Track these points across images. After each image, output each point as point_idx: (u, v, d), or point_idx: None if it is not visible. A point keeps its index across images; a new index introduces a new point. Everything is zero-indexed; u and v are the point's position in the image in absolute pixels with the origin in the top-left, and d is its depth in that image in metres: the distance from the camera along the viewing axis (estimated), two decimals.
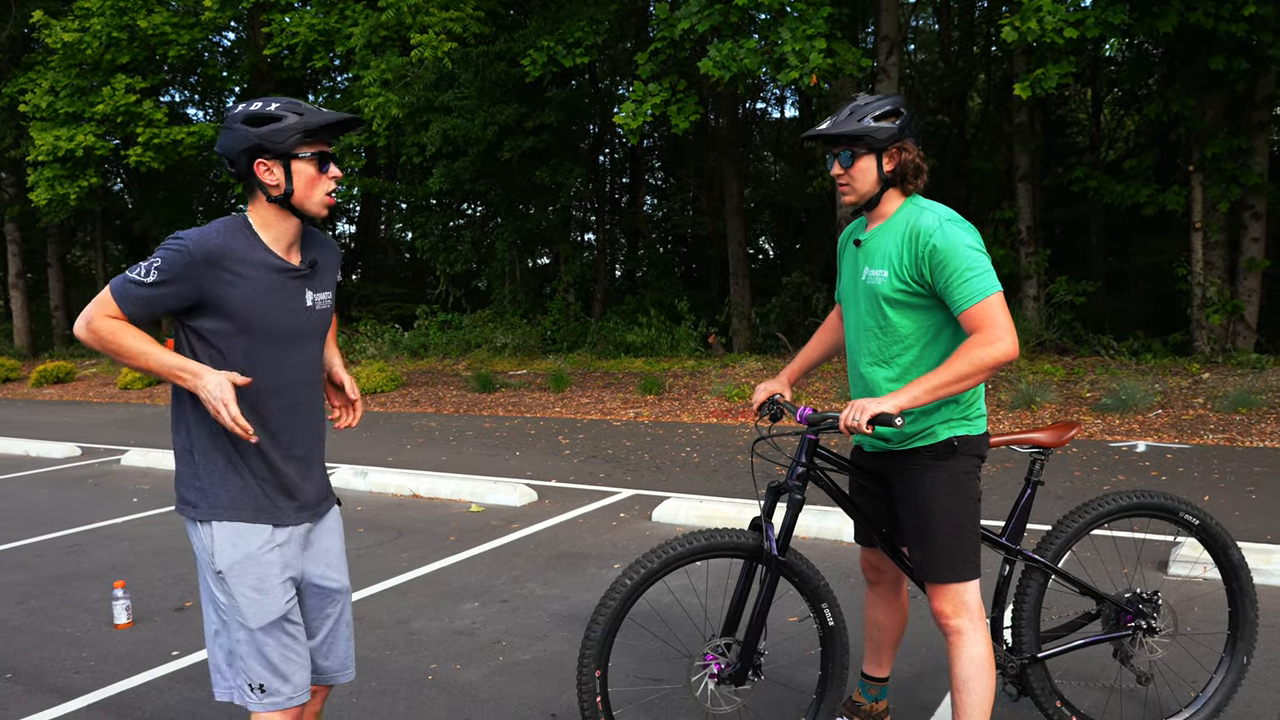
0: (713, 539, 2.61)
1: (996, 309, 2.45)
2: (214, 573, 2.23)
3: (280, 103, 2.21)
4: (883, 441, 2.72)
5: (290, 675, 2.26)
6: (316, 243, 2.39)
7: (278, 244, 2.26)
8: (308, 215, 2.26)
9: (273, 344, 2.25)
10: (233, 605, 2.22)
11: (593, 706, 2.54)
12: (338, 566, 2.45)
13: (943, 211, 2.58)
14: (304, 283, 2.31)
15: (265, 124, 2.17)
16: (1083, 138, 20.80)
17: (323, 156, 2.23)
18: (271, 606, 2.23)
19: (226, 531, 2.23)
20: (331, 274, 2.43)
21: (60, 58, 17.74)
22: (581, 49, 13.63)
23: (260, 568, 2.23)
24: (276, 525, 2.28)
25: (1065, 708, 2.88)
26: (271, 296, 2.23)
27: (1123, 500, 2.89)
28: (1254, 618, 3.02)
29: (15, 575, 5.55)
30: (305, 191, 2.22)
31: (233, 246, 2.18)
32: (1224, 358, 11.74)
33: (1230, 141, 12.09)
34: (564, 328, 17.78)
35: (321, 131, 2.21)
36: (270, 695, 2.24)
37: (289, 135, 2.17)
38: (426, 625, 4.38)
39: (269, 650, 2.23)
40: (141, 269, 2.16)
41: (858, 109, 2.61)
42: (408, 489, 7.36)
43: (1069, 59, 10.96)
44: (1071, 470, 7.07)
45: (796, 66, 10.72)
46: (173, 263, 2.13)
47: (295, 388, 2.31)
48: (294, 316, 2.28)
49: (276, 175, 2.20)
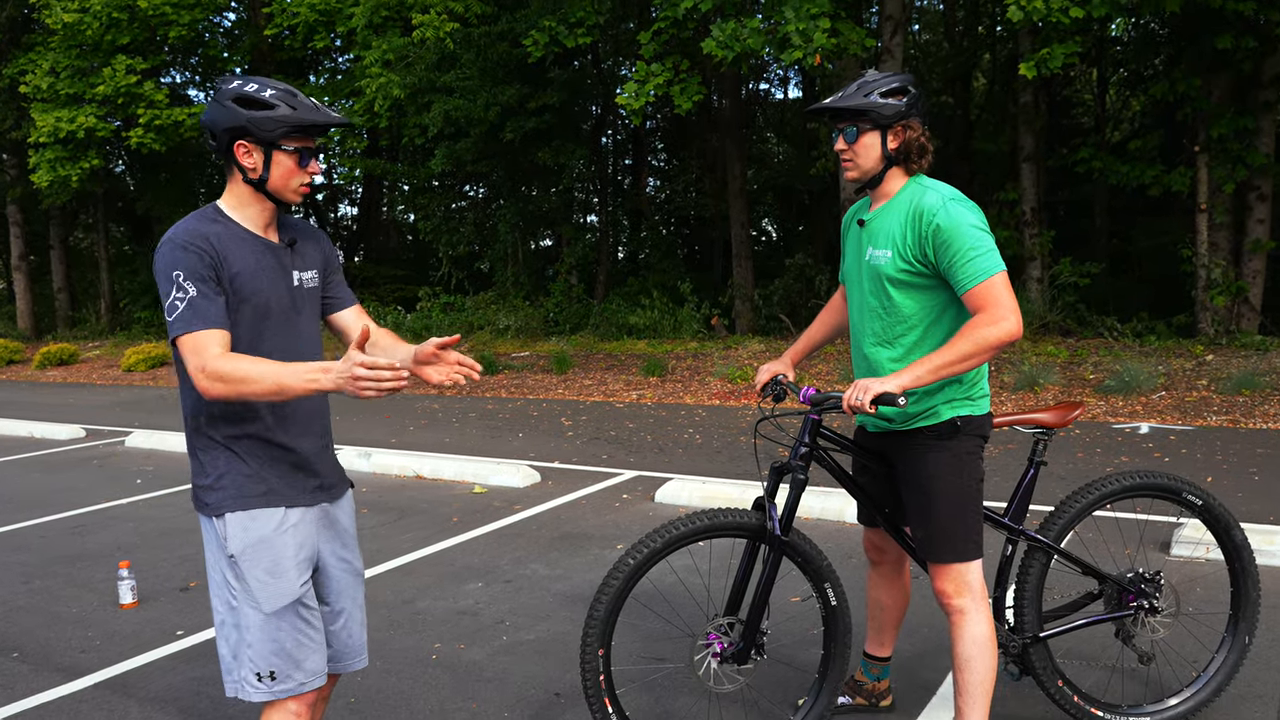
0: (716, 519, 2.62)
1: (1001, 288, 2.44)
2: (226, 558, 2.19)
3: (276, 90, 2.16)
4: (885, 422, 2.72)
5: (303, 660, 2.21)
6: (293, 226, 2.37)
7: (253, 224, 2.23)
8: (281, 201, 2.24)
9: (273, 321, 2.24)
10: (245, 590, 2.18)
11: (595, 685, 2.55)
12: (354, 549, 2.43)
13: (946, 191, 2.56)
14: (287, 259, 2.29)
15: (256, 109, 2.13)
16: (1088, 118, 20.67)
17: (306, 151, 2.20)
18: (285, 589, 2.19)
19: (239, 518, 2.19)
20: (316, 253, 2.39)
21: (60, 38, 17.67)
22: (584, 29, 13.55)
23: (274, 550, 2.20)
24: (290, 506, 2.24)
25: (1067, 687, 2.89)
26: (263, 273, 2.21)
27: (1126, 481, 2.89)
28: (1256, 598, 3.03)
29: (21, 556, 5.57)
30: (281, 181, 2.19)
31: (216, 230, 2.17)
32: (1228, 339, 11.71)
33: (1236, 122, 12.01)
34: (566, 310, 17.77)
35: (311, 130, 2.18)
36: (280, 681, 2.19)
37: (277, 126, 2.13)
38: (430, 605, 4.40)
39: (282, 635, 2.19)
40: (177, 292, 2.10)
41: (865, 84, 2.59)
42: (411, 470, 7.38)
43: (1074, 39, 10.87)
44: (1074, 451, 7.07)
45: (800, 46, 10.65)
46: (188, 262, 2.11)
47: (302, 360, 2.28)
48: (286, 292, 2.27)
49: (255, 160, 2.17)
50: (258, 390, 2.03)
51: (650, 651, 3.71)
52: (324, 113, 2.19)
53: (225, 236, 2.17)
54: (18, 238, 23.66)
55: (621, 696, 3.26)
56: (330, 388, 2.00)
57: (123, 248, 27.09)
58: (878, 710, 3.15)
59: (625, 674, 3.50)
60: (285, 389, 2.02)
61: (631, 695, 3.34)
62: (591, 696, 2.56)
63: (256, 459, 2.23)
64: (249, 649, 2.19)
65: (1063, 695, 2.87)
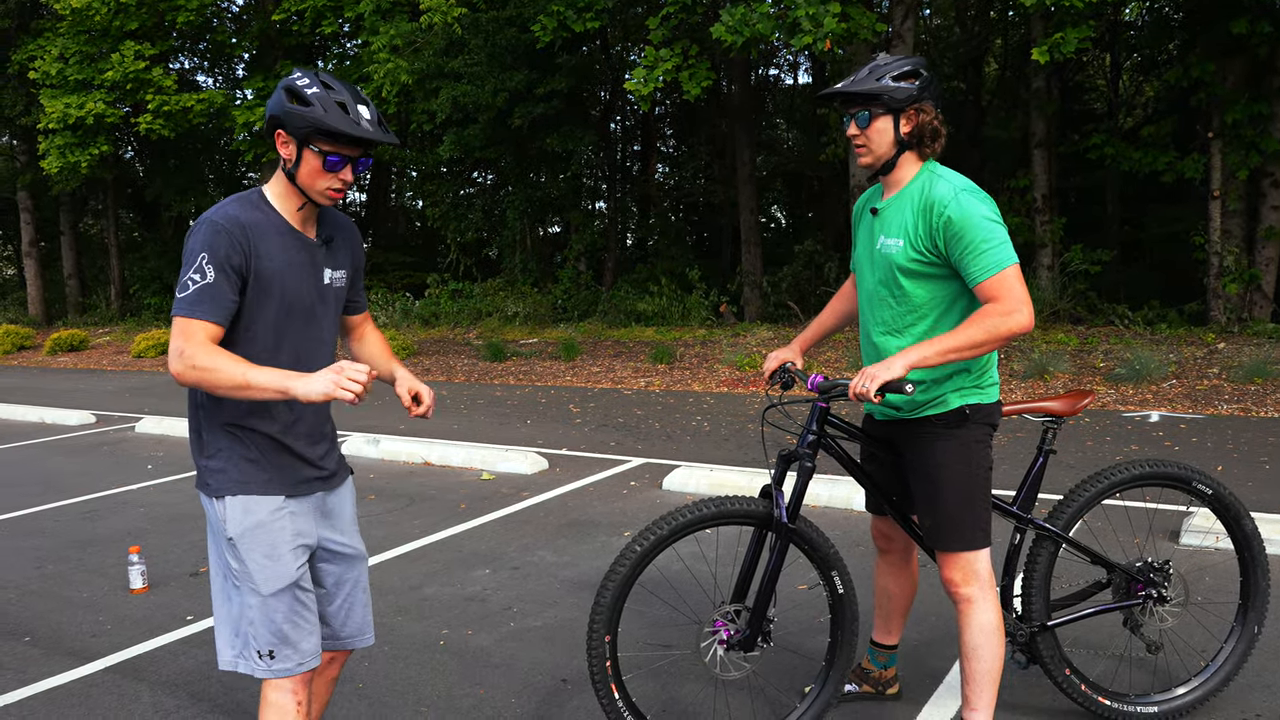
0: (723, 506, 2.61)
1: (1013, 281, 2.43)
2: (226, 540, 2.24)
3: (322, 89, 2.14)
4: (894, 410, 2.70)
5: (299, 642, 2.26)
6: (335, 223, 2.38)
7: (293, 217, 2.25)
8: (310, 198, 2.23)
9: (296, 317, 2.25)
10: (244, 571, 2.22)
11: (602, 671, 2.56)
12: (352, 533, 2.46)
13: (958, 181, 2.54)
14: (321, 257, 2.30)
15: (296, 103, 2.14)
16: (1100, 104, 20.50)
17: (337, 157, 2.16)
18: (282, 572, 2.23)
19: (238, 503, 2.23)
20: (347, 254, 2.40)
21: (69, 24, 17.66)
22: (592, 14, 13.47)
23: (271, 535, 2.23)
24: (289, 495, 2.28)
25: (1075, 675, 2.88)
26: (294, 269, 2.22)
27: (1135, 470, 2.88)
28: (1266, 587, 3.02)
29: (33, 540, 5.61)
30: (307, 179, 2.19)
31: (255, 218, 2.18)
32: (1240, 327, 11.63)
33: (1251, 107, 11.90)
34: (575, 296, 17.75)
35: (338, 137, 2.14)
36: (279, 661, 2.25)
37: (304, 125, 2.13)
38: (438, 591, 4.41)
39: (279, 616, 2.24)
40: (194, 273, 2.10)
41: (877, 68, 2.57)
42: (419, 457, 7.40)
43: (1088, 23, 10.77)
44: (1084, 440, 7.04)
45: (810, 31, 10.57)
46: (217, 246, 2.10)
47: (316, 361, 2.30)
48: (314, 290, 2.28)
49: (290, 151, 2.19)
50: (222, 381, 2.05)
51: (657, 638, 3.72)
52: (358, 126, 2.13)
53: (263, 226, 2.18)
54: (28, 224, 23.75)
55: (628, 683, 3.27)
56: (299, 395, 2.04)
57: (132, 234, 27.16)
58: (885, 698, 3.15)
59: (632, 660, 3.51)
60: (251, 386, 2.05)
61: (638, 681, 3.35)
62: (598, 682, 2.57)
63: (258, 446, 2.26)
64: (251, 626, 2.24)
65: (1070, 684, 2.87)
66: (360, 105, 2.16)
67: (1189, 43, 13.37)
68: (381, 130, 2.19)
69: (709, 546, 4.59)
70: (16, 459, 8.33)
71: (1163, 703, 2.96)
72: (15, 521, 6.09)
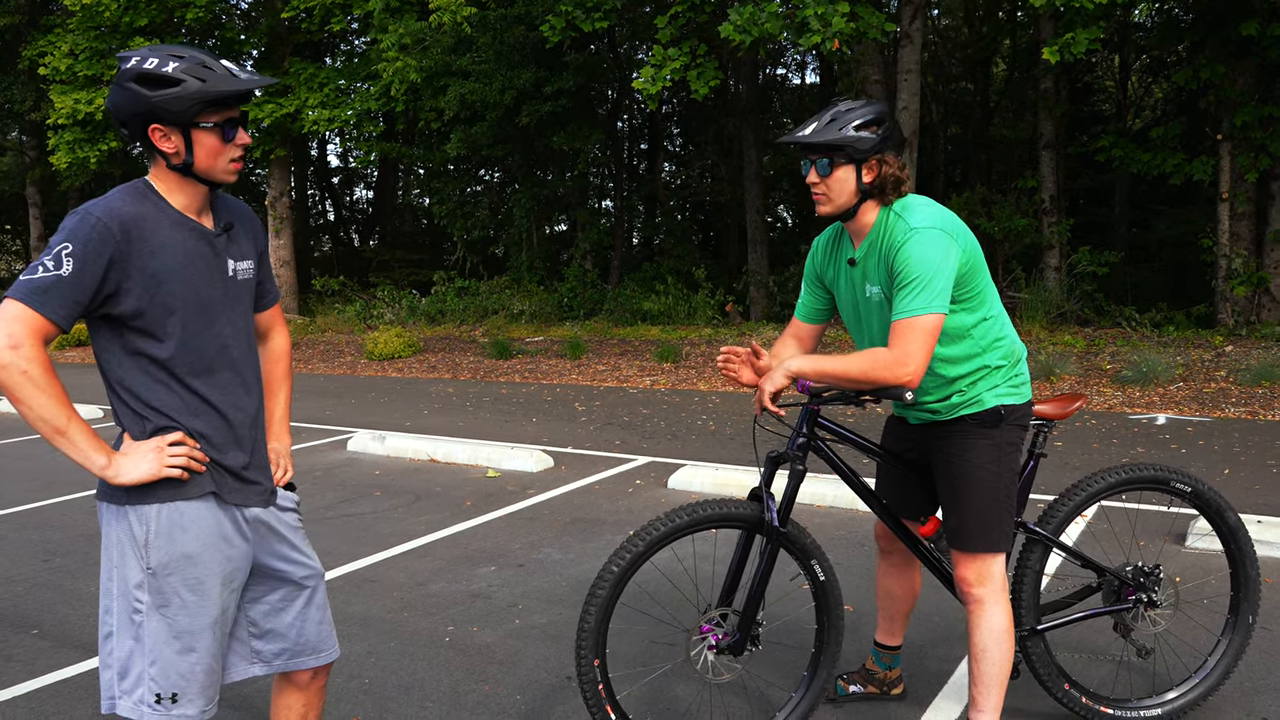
0: (711, 511, 2.56)
1: (919, 333, 2.40)
2: (143, 569, 1.97)
3: (180, 61, 1.91)
4: (929, 414, 2.71)
5: (208, 686, 2.04)
6: (230, 208, 2.16)
7: (188, 209, 2.02)
8: (214, 183, 2.03)
9: (204, 317, 2.02)
10: (159, 606, 1.97)
11: (595, 695, 2.51)
12: (300, 549, 2.21)
13: (919, 218, 2.50)
14: (222, 248, 2.08)
15: (161, 87, 1.89)
16: (1109, 105, 20.47)
17: (229, 123, 1.97)
18: (206, 610, 2.00)
19: (164, 521, 1.98)
20: (249, 240, 2.18)
21: (79, 20, 17.73)
22: (600, 13, 13.47)
23: (197, 568, 1.99)
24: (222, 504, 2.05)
25: (1063, 678, 2.88)
26: (194, 264, 2.00)
27: (1114, 476, 2.89)
28: (1255, 576, 3.02)
29: (41, 534, 5.64)
30: (208, 161, 1.97)
31: (145, 213, 1.95)
32: (1248, 330, 11.60)
33: (1261, 110, 11.87)
34: (581, 295, 17.77)
35: (229, 100, 1.95)
36: (182, 706, 2.00)
37: (188, 104, 1.89)
38: (444, 588, 4.43)
39: (194, 658, 2.00)
40: (50, 260, 1.85)
41: (839, 116, 2.52)
42: (425, 453, 7.42)
43: (1098, 24, 10.75)
44: (1090, 442, 7.03)
45: (819, 31, 10.57)
46: (88, 241, 1.86)
47: (236, 362, 2.09)
48: (219, 284, 2.06)
49: (174, 143, 1.94)
50: (40, 409, 1.86)
51: (645, 652, 3.73)
52: (240, 78, 1.95)
53: (154, 219, 1.96)
54: (37, 219, 23.84)
55: (623, 701, 3.25)
56: (123, 479, 1.92)
57: None
58: (889, 699, 3.16)
59: (624, 677, 3.51)
60: (66, 437, 1.88)
61: (630, 688, 3.35)
62: (593, 707, 2.52)
63: None
64: (152, 667, 1.98)
65: (1059, 687, 2.87)
66: (219, 60, 1.97)
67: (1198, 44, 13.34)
68: (255, 72, 2.06)
69: (685, 553, 4.60)
70: (25, 452, 8.37)
71: (1162, 704, 2.96)
72: (23, 515, 6.13)
